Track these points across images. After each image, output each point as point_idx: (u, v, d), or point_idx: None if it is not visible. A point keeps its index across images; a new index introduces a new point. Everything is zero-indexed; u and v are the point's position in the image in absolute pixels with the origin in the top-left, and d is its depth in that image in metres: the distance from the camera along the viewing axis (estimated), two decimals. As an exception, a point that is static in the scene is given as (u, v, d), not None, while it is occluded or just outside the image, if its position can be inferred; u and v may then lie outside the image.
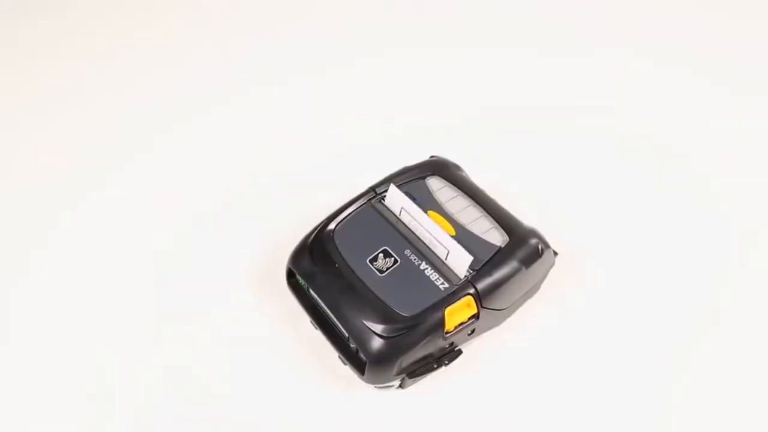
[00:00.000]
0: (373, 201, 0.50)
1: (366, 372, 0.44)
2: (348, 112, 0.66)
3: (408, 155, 0.53)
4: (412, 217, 0.47)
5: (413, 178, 0.51)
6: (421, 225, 0.47)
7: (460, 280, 0.45)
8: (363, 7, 0.78)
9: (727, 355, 0.47)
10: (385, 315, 0.43)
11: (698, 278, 0.51)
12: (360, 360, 0.44)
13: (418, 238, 0.47)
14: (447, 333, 0.44)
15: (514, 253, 0.46)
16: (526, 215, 0.49)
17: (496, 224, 0.47)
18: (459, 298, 0.44)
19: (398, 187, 0.49)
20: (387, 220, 0.49)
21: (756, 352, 0.47)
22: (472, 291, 0.44)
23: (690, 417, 0.44)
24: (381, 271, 0.46)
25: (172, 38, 0.75)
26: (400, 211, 0.48)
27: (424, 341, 0.43)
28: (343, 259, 0.47)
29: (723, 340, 0.48)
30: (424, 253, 0.46)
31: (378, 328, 0.43)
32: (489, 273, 0.45)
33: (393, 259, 0.46)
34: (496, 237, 0.46)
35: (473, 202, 0.49)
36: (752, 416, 0.45)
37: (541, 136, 0.62)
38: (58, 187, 0.60)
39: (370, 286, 0.45)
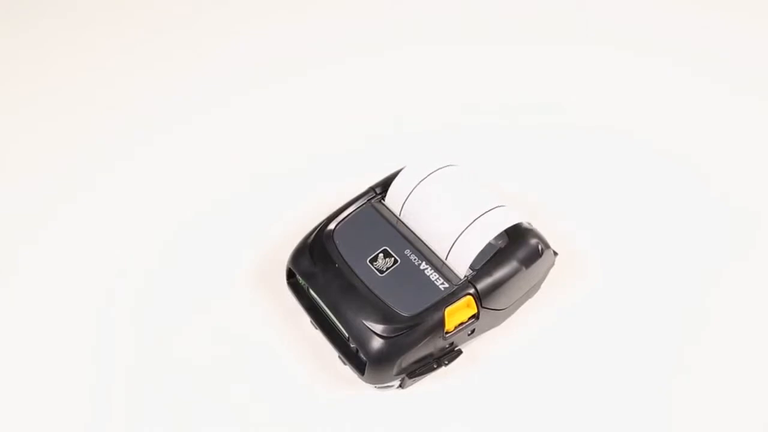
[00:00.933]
0: (373, 201, 0.50)
1: (366, 372, 0.44)
2: (348, 112, 0.66)
3: (409, 155, 0.53)
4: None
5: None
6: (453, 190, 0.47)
7: (460, 280, 0.45)
8: (363, 5, 0.78)
9: (729, 355, 0.47)
10: (385, 315, 0.43)
11: (700, 278, 0.51)
12: (360, 360, 0.44)
13: (418, 237, 0.47)
14: (447, 333, 0.44)
15: (514, 253, 0.46)
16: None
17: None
18: (459, 298, 0.44)
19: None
20: (387, 220, 0.49)
21: (758, 352, 0.47)
22: (472, 291, 0.44)
23: (692, 417, 0.44)
24: (381, 271, 0.46)
25: (171, 38, 0.75)
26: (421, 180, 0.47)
27: (424, 341, 0.43)
28: (343, 259, 0.47)
29: (725, 340, 0.48)
30: (424, 253, 0.46)
31: (378, 328, 0.43)
32: (489, 273, 0.45)
33: (393, 259, 0.46)
34: (496, 237, 0.46)
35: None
36: (755, 416, 0.45)
37: (541, 135, 0.62)
38: (58, 184, 0.60)
39: (370, 286, 0.45)
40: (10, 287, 0.53)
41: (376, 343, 0.43)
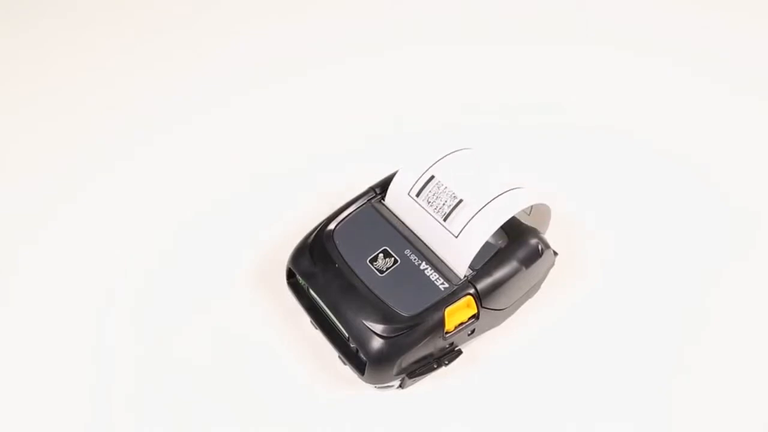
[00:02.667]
0: (373, 201, 0.50)
1: (366, 372, 0.44)
2: (348, 112, 0.66)
3: (409, 155, 0.52)
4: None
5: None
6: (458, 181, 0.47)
7: (460, 280, 0.45)
8: (363, 5, 0.78)
9: (729, 355, 0.47)
10: (385, 315, 0.43)
11: (700, 278, 0.51)
12: (360, 360, 0.44)
13: (418, 237, 0.47)
14: (447, 333, 0.44)
15: (514, 253, 0.46)
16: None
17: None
18: (459, 298, 0.44)
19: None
20: (387, 220, 0.49)
21: (758, 352, 0.47)
22: (472, 291, 0.44)
23: (692, 417, 0.44)
24: (381, 271, 0.46)
25: (171, 38, 0.75)
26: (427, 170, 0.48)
27: (424, 341, 0.43)
28: (343, 259, 0.47)
29: (725, 340, 0.48)
30: (424, 253, 0.46)
31: (378, 328, 0.43)
32: (489, 273, 0.45)
33: (393, 259, 0.46)
34: (496, 237, 0.46)
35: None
36: (755, 416, 0.45)
37: (541, 135, 0.62)
38: (58, 184, 0.60)
39: (370, 286, 0.45)
40: (10, 287, 0.53)
41: (376, 343, 0.43)
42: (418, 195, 0.48)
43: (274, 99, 0.68)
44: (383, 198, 0.50)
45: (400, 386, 0.45)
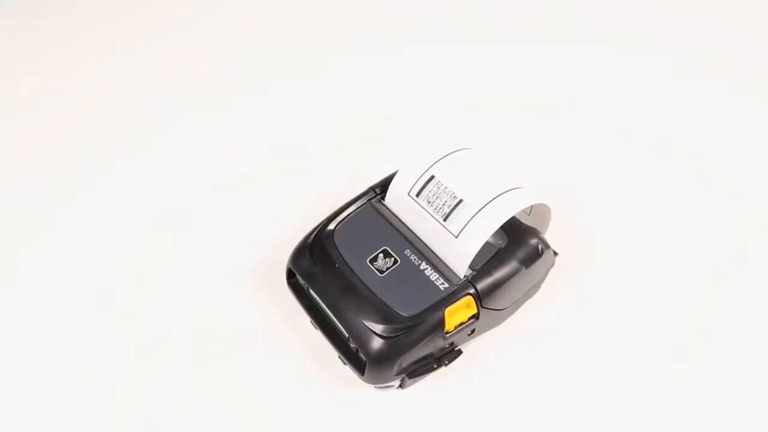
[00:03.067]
0: (373, 201, 0.50)
1: (366, 372, 0.44)
2: (348, 112, 0.66)
3: (409, 155, 0.52)
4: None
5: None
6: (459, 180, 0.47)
7: (460, 280, 0.45)
8: (363, 5, 0.78)
9: (729, 355, 0.47)
10: (385, 315, 0.43)
11: (700, 278, 0.51)
12: (360, 360, 0.44)
13: (418, 237, 0.47)
14: (447, 333, 0.44)
15: (515, 253, 0.46)
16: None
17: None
18: (459, 298, 0.44)
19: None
20: (387, 220, 0.49)
21: (759, 352, 0.47)
22: (472, 291, 0.44)
23: (692, 417, 0.44)
24: (381, 271, 0.46)
25: (171, 38, 0.75)
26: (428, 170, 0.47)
27: (424, 341, 0.43)
28: (343, 259, 0.47)
29: (725, 340, 0.48)
30: (424, 253, 0.46)
31: (378, 328, 0.43)
32: (489, 273, 0.45)
33: (393, 259, 0.46)
34: (496, 237, 0.46)
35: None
36: (755, 416, 0.45)
37: (541, 136, 0.62)
38: (58, 184, 0.60)
39: (370, 286, 0.45)
40: (10, 287, 0.53)
41: (376, 343, 0.43)
42: (418, 195, 0.48)
43: (274, 99, 0.68)
44: (383, 198, 0.50)
45: (400, 386, 0.45)
